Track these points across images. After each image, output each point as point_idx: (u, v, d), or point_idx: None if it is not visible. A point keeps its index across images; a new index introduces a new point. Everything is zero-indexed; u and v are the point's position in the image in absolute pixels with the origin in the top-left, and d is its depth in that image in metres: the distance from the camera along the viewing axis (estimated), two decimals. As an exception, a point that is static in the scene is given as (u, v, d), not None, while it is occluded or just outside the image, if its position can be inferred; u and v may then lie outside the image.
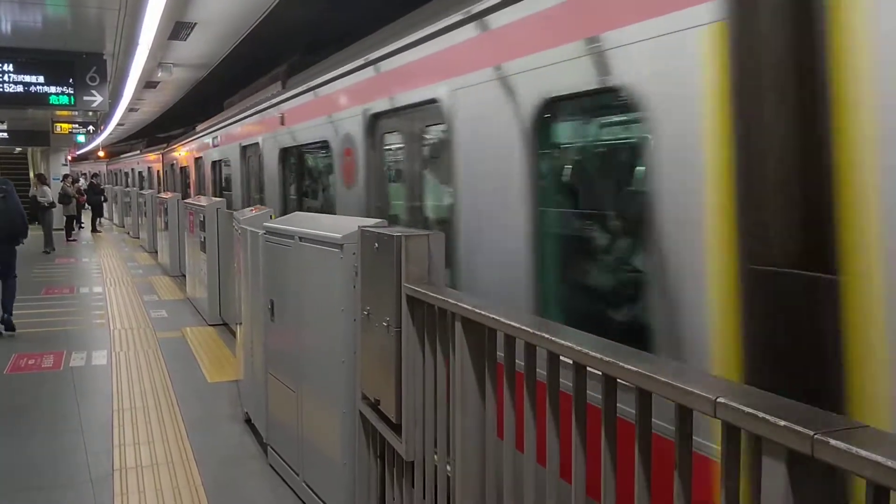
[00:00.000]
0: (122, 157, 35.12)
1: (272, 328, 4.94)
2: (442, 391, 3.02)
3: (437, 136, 4.68)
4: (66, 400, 6.60)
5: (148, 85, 16.05)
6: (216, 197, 11.98)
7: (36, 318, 10.26)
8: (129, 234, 24.27)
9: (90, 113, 17.68)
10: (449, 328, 2.87)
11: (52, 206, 19.64)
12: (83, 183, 30.03)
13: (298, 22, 10.13)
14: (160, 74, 14.08)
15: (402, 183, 5.37)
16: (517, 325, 2.34)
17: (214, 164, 13.24)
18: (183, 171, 17.56)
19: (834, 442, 1.26)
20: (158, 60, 12.99)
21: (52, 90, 11.88)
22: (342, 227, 3.98)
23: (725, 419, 1.51)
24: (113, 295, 12.27)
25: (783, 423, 1.36)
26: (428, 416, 3.13)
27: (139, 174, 27.25)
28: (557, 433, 2.22)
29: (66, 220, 22.10)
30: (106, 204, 29.95)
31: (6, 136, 23.56)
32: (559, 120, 3.46)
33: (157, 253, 17.02)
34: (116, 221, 29.58)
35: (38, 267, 15.51)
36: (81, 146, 30.15)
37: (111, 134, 31.23)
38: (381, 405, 3.50)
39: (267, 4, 9.45)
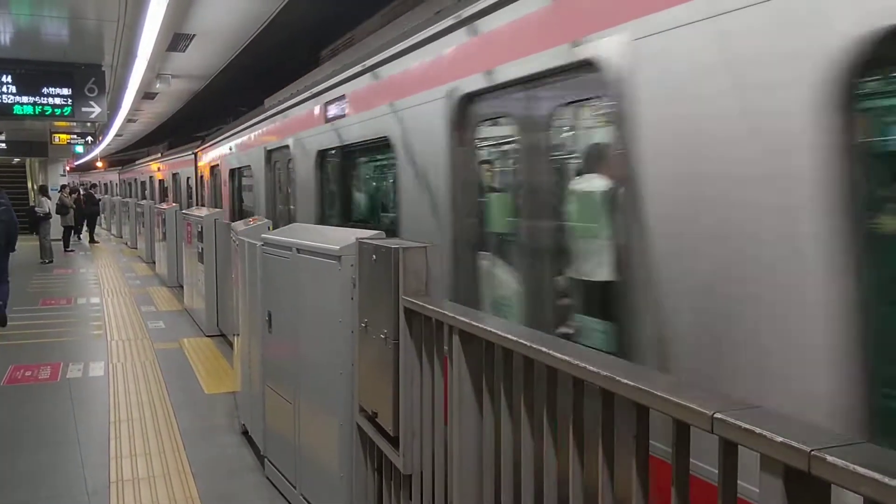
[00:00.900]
0: (136, 164, 29.35)
1: (270, 340, 4.93)
2: (440, 404, 3.01)
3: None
4: (62, 411, 6.57)
5: (146, 96, 16.10)
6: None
7: (33, 329, 10.24)
8: (126, 244, 24.24)
9: (88, 123, 17.71)
10: (447, 341, 2.87)
11: (47, 216, 19.60)
12: (82, 192, 30.02)
13: (298, 31, 10.18)
14: (158, 85, 14.12)
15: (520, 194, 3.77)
16: (515, 338, 2.34)
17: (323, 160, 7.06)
18: (236, 177, 11.73)
19: (831, 458, 1.26)
20: (157, 71, 13.04)
21: (50, 101, 11.91)
22: (340, 238, 3.98)
23: (722, 435, 1.51)
24: (110, 306, 12.24)
25: (780, 438, 1.36)
26: (426, 429, 3.12)
27: (160, 184, 21.46)
28: (556, 449, 2.21)
29: (63, 230, 22.07)
30: (103, 215, 29.96)
31: (4, 146, 23.59)
32: None
33: (154, 264, 17.00)
34: (115, 232, 29.56)
35: (35, 277, 15.47)
36: (80, 156, 30.14)
37: (123, 137, 29.52)
38: (378, 418, 3.49)
39: (266, 15, 9.49)
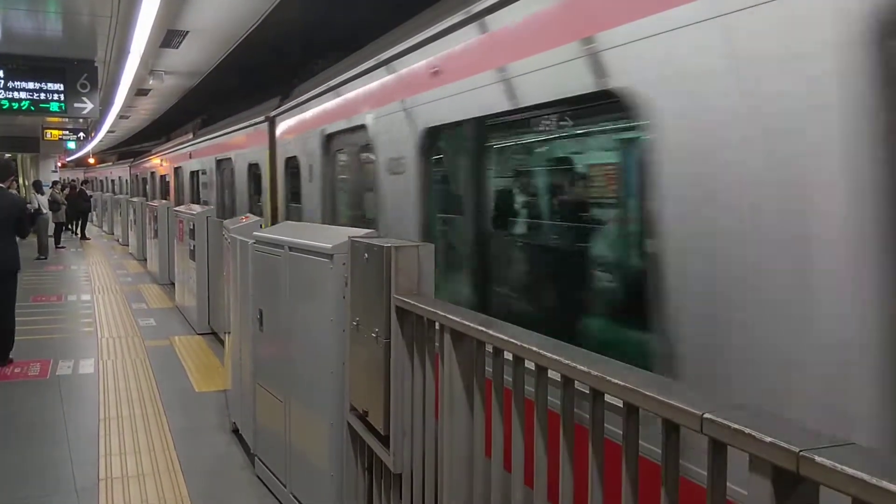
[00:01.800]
0: (160, 152, 20.11)
1: (261, 338, 4.92)
2: (430, 403, 3.01)
3: None
4: (52, 409, 6.54)
5: (139, 92, 16.01)
6: None
7: (23, 325, 10.12)
8: (118, 241, 24.14)
9: (81, 119, 17.63)
10: (438, 340, 2.87)
11: (38, 212, 19.48)
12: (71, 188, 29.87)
13: (293, 29, 10.14)
14: (152, 82, 14.05)
15: None
16: (505, 337, 2.34)
17: None
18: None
19: (819, 459, 1.27)
20: (150, 68, 12.98)
21: (42, 96, 11.84)
22: (332, 237, 3.97)
23: (712, 435, 1.51)
24: (101, 303, 12.19)
25: (769, 439, 1.36)
26: (416, 428, 3.12)
27: (194, 178, 13.83)
28: (545, 448, 2.21)
29: (54, 227, 21.96)
30: (95, 211, 29.83)
31: (-4, 141, 23.47)
32: None
33: (146, 261, 16.94)
34: (106, 229, 29.42)
35: (26, 274, 15.29)
36: (72, 151, 30.01)
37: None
38: (369, 416, 3.49)
39: (260, 12, 9.46)
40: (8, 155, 27.55)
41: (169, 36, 10.58)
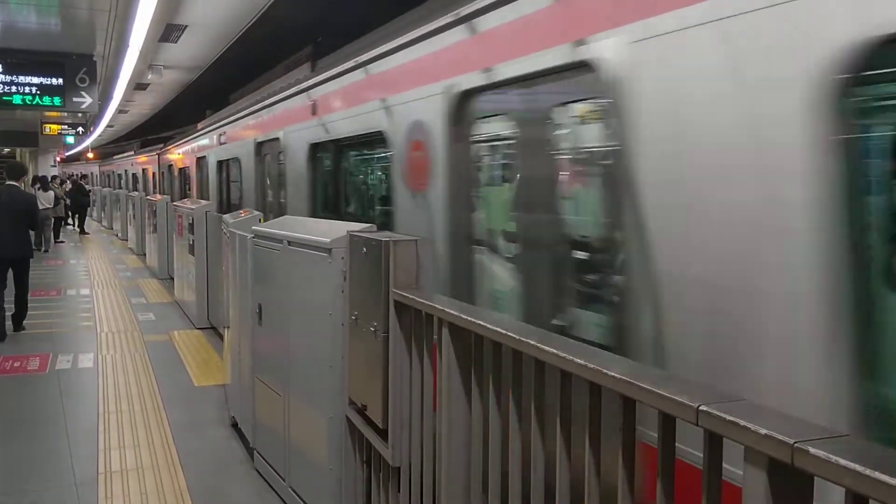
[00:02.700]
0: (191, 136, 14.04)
1: (260, 332, 4.93)
2: (429, 397, 3.02)
3: None
4: (51, 403, 6.55)
5: (138, 87, 16.01)
6: None
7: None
8: (117, 235, 24.14)
9: (80, 114, 17.62)
10: (436, 334, 2.88)
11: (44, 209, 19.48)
12: (69, 185, 29.85)
13: (292, 23, 10.13)
14: (150, 76, 14.04)
15: None
16: (503, 331, 2.35)
17: None
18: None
19: (813, 450, 1.28)
20: (149, 62, 12.97)
21: (41, 91, 11.83)
22: (331, 231, 3.98)
23: (707, 427, 1.52)
24: (100, 297, 12.20)
25: (764, 431, 1.37)
26: (415, 421, 3.13)
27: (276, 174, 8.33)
28: (543, 442, 2.22)
29: (53, 221, 21.95)
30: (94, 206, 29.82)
31: (-6, 136, 23.44)
32: None
33: (145, 255, 16.94)
34: (105, 224, 29.42)
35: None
36: (70, 146, 29.97)
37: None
38: (367, 410, 3.50)
39: (259, 7, 9.45)
40: (6, 150, 27.58)
41: (168, 30, 10.57)
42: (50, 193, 19.94)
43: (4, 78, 11.65)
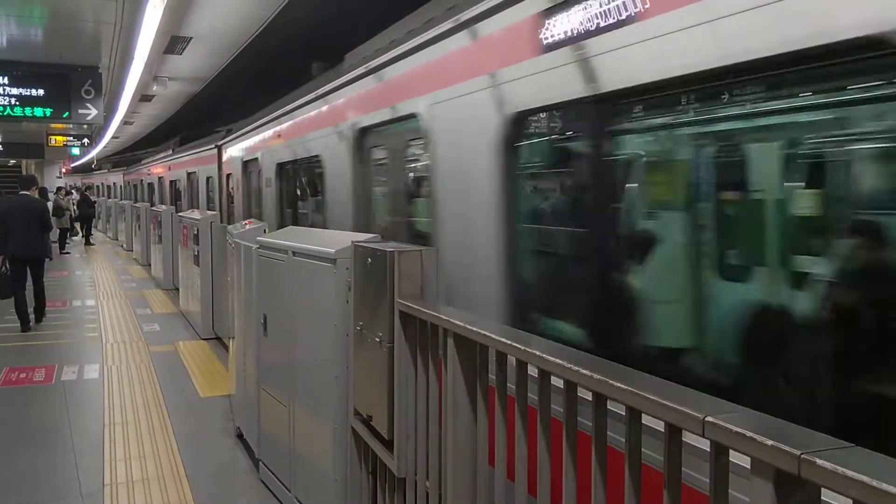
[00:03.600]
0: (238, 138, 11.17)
1: (265, 343, 4.93)
2: (434, 408, 3.02)
3: None
4: (57, 414, 6.56)
5: (143, 98, 16.08)
6: None
7: (28, 331, 10.22)
8: (122, 246, 24.21)
9: (85, 125, 17.70)
10: (441, 344, 2.88)
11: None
12: (76, 195, 29.95)
13: (296, 34, 10.18)
14: (155, 88, 14.11)
15: None
16: (508, 341, 2.35)
17: None
18: None
19: (820, 462, 1.27)
20: (154, 74, 13.04)
21: (46, 103, 11.90)
22: (336, 241, 3.99)
23: (714, 438, 1.51)
24: (106, 308, 12.23)
25: (771, 442, 1.37)
26: (420, 432, 3.13)
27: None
28: (549, 453, 2.22)
29: (59, 232, 22.05)
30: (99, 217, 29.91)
31: (1, 148, 23.55)
32: None
33: (150, 266, 16.97)
34: (111, 235, 29.49)
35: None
36: (75, 158, 30.06)
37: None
38: (373, 421, 3.50)
39: (263, 19, 9.50)
40: (12, 161, 27.73)
41: (173, 42, 10.63)
42: (49, 204, 20.03)
43: (9, 90, 11.72)
